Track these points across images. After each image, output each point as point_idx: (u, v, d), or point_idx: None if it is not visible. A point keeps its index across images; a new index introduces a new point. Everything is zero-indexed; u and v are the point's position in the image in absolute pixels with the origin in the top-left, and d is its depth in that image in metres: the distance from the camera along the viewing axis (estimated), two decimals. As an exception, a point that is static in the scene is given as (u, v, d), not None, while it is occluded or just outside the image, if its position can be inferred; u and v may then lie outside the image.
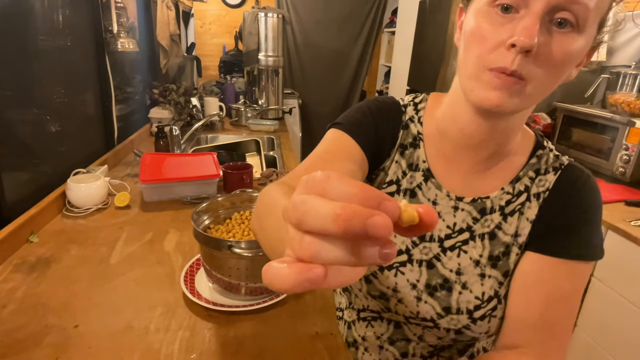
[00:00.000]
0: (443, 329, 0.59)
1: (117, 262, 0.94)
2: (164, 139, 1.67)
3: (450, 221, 0.60)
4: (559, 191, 0.57)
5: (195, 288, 0.83)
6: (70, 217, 1.14)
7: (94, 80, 1.55)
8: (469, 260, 0.59)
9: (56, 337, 0.70)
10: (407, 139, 0.63)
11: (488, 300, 0.57)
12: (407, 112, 0.65)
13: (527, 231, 0.57)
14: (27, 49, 1.14)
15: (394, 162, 0.63)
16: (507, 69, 0.45)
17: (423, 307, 0.60)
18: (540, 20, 0.43)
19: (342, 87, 3.81)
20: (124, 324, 0.74)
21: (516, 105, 0.48)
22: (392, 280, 0.61)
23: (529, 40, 0.43)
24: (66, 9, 1.35)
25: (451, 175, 0.60)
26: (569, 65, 0.47)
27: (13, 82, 1.07)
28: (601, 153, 1.76)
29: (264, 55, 2.55)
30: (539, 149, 0.60)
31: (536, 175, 0.58)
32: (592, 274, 1.44)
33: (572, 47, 0.45)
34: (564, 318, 0.56)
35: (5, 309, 0.76)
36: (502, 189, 0.58)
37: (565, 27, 0.44)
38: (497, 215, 0.58)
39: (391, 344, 0.67)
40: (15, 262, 0.91)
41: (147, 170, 1.30)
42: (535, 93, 0.47)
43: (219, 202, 0.92)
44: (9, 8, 1.05)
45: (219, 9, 3.49)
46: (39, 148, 1.20)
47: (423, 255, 0.60)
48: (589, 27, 0.45)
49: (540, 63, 0.45)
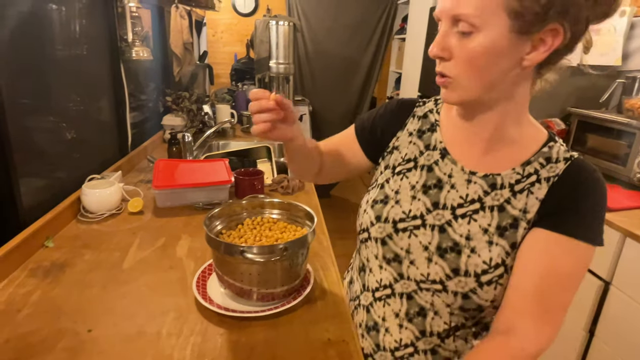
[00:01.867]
0: (451, 292, 0.64)
1: (130, 267, 0.94)
2: (176, 146, 1.69)
3: (463, 192, 0.66)
4: (567, 178, 0.61)
5: (207, 293, 0.83)
6: (84, 222, 1.16)
7: (109, 88, 1.58)
8: (478, 228, 0.64)
9: (70, 342, 0.70)
10: (424, 126, 0.74)
11: (495, 266, 0.62)
12: (427, 106, 0.77)
13: (535, 209, 0.62)
14: (45, 58, 1.17)
15: (410, 144, 0.74)
16: (438, 72, 0.60)
17: (433, 268, 0.65)
18: (446, 33, 0.57)
19: (352, 93, 3.81)
20: (136, 328, 0.74)
21: (458, 96, 0.61)
22: (406, 242, 0.68)
23: (430, 51, 0.59)
24: (83, 19, 1.38)
25: (465, 154, 0.68)
26: (485, 59, 0.56)
27: (31, 90, 1.10)
28: (617, 159, 1.73)
29: (275, 63, 2.57)
30: (551, 142, 0.65)
31: (547, 162, 0.63)
32: (610, 282, 1.41)
33: (472, 44, 0.55)
34: (557, 294, 0.60)
35: (21, 313, 0.77)
36: (513, 169, 0.64)
37: (465, 33, 0.55)
38: (507, 191, 0.64)
39: (409, 321, 0.70)
40: (31, 267, 0.92)
41: (160, 176, 1.31)
42: (468, 85, 0.59)
43: (231, 207, 0.92)
44: (28, 19, 1.07)
45: (230, 18, 3.54)
46: (55, 154, 1.23)
47: (436, 221, 0.67)
48: (488, 23, 0.53)
49: (456, 62, 0.58)
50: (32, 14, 1.10)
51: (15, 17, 1.02)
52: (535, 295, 0.59)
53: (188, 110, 2.18)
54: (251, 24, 3.37)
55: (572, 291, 0.61)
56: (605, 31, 2.07)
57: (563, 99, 2.16)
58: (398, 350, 0.72)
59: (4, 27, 0.96)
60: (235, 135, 2.38)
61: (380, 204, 0.72)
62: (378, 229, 0.71)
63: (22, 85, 1.05)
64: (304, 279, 0.88)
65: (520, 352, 0.59)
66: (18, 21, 1.03)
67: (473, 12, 0.53)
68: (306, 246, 0.82)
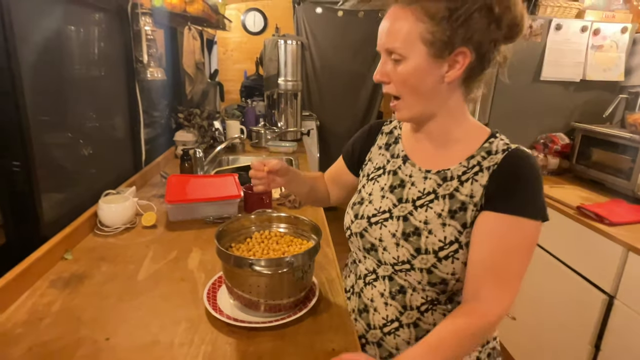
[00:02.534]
0: (418, 269, 0.75)
1: (144, 279, 0.99)
2: (189, 161, 1.75)
3: (421, 187, 0.80)
4: (505, 165, 0.72)
5: (218, 304, 0.87)
6: (100, 236, 1.21)
7: (124, 107, 1.65)
8: (433, 214, 0.76)
9: (88, 349, 0.75)
10: (390, 140, 0.90)
11: (450, 243, 0.73)
12: (392, 124, 0.93)
13: (480, 194, 0.73)
14: (65, 78, 1.24)
15: (379, 155, 0.90)
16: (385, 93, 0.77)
17: (401, 250, 0.77)
18: (384, 62, 0.73)
19: (359, 108, 3.87)
20: (151, 337, 0.78)
21: (407, 114, 0.77)
22: (378, 233, 0.81)
23: (375, 77, 0.75)
24: (102, 41, 1.46)
25: (421, 158, 0.83)
26: (413, 80, 0.71)
27: (51, 108, 1.16)
28: (621, 173, 1.74)
29: (284, 80, 2.65)
30: (492, 138, 0.77)
31: (488, 154, 0.75)
32: (614, 296, 1.41)
33: (404, 69, 0.71)
34: (509, 265, 0.70)
35: (43, 322, 0.81)
36: (460, 163, 0.77)
37: (397, 60, 0.71)
38: (455, 182, 0.76)
39: (392, 298, 0.81)
40: (52, 278, 0.97)
41: (173, 191, 1.37)
42: (412, 103, 0.75)
43: (240, 221, 0.96)
44: (51, 41, 1.15)
45: (240, 37, 3.64)
46: (73, 170, 1.29)
47: (400, 212, 0.80)
48: (411, 52, 0.69)
49: (395, 84, 0.74)
50: (55, 37, 1.17)
51: (39, 40, 1.09)
52: (491, 268, 0.70)
53: (199, 126, 2.25)
54: (260, 42, 3.47)
55: (523, 262, 0.71)
56: (607, 47, 2.11)
57: (567, 113, 2.19)
58: (386, 326, 0.82)
59: (30, 50, 1.03)
60: (245, 150, 2.45)
61: (357, 205, 0.88)
62: (356, 225, 0.85)
63: (43, 103, 1.11)
64: (310, 291, 0.91)
65: (484, 314, 0.70)
66: (42, 44, 1.10)
67: (400, 45, 0.70)
68: (312, 259, 0.86)
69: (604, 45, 2.11)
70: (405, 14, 0.69)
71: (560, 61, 2.09)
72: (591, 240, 1.51)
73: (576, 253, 1.60)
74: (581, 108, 2.18)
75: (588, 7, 2.13)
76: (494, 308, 0.70)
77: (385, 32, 0.72)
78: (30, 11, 1.05)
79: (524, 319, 1.85)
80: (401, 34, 0.69)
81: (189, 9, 1.79)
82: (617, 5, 2.14)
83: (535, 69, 2.09)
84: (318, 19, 3.56)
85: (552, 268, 1.69)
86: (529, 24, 2.07)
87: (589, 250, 1.53)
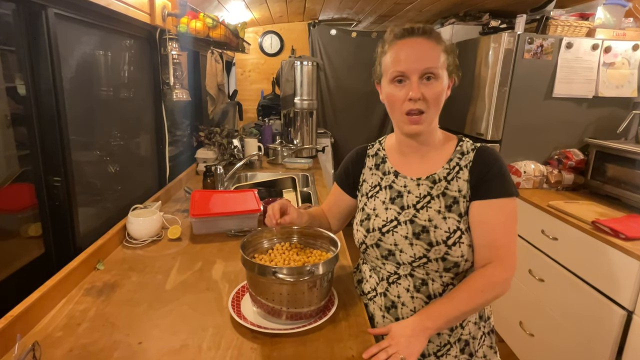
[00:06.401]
0: (433, 259, 0.88)
1: (172, 288, 1.04)
2: (211, 177, 1.82)
3: (417, 193, 0.94)
4: (477, 160, 0.91)
5: (242, 312, 0.92)
6: (129, 248, 1.28)
7: (151, 126, 1.75)
8: (434, 212, 0.90)
9: (124, 352, 0.80)
10: (377, 160, 1.04)
11: (453, 232, 0.88)
12: (375, 147, 1.07)
13: (466, 187, 0.90)
14: (98, 100, 1.33)
15: (372, 175, 1.03)
16: (413, 111, 0.87)
17: (416, 248, 0.90)
18: (418, 82, 0.86)
19: (373, 125, 3.94)
20: (180, 342, 0.83)
21: (425, 127, 0.90)
22: (392, 239, 0.93)
23: (415, 94, 0.86)
24: (131, 65, 1.56)
25: (409, 169, 0.97)
26: (442, 97, 0.88)
27: (85, 129, 1.25)
28: (638, 188, 1.75)
29: (300, 99, 2.73)
30: (460, 142, 0.96)
31: (462, 155, 0.93)
32: (633, 311, 1.41)
33: (438, 88, 0.87)
34: (504, 237, 0.88)
35: (81, 327, 0.87)
36: (443, 167, 0.93)
37: (431, 80, 0.86)
38: (444, 182, 0.92)
39: (417, 291, 0.92)
40: (86, 287, 1.04)
41: (197, 205, 1.44)
42: (433, 116, 0.89)
43: (263, 234, 1.02)
44: (87, 67, 1.24)
45: (258, 58, 3.78)
46: (104, 186, 1.37)
47: (406, 217, 0.92)
48: (442, 74, 0.87)
49: (427, 101, 0.86)
50: (91, 62, 1.27)
51: (78, 65, 1.18)
52: (493, 243, 0.87)
53: (219, 144, 2.34)
54: (277, 62, 3.59)
55: (513, 231, 0.89)
56: (619, 65, 2.14)
57: (580, 130, 2.20)
58: None
59: (70, 74, 1.13)
60: (262, 167, 2.52)
61: (365, 221, 0.98)
62: (370, 237, 0.95)
63: (79, 123, 1.20)
64: (329, 301, 0.95)
65: (490, 274, 0.86)
66: (80, 69, 1.20)
67: (438, 67, 0.87)
68: (331, 269, 0.90)
69: (616, 63, 2.13)
70: (434, 46, 0.88)
71: (572, 78, 2.13)
72: (607, 255, 1.51)
73: (593, 268, 1.60)
74: (595, 124, 2.20)
75: (598, 26, 2.17)
76: (498, 271, 0.86)
77: (422, 57, 0.86)
78: (73, 39, 1.15)
79: (542, 336, 1.84)
80: (437, 60, 0.87)
81: (212, 34, 1.89)
82: (627, 24, 2.18)
83: (547, 86, 2.12)
84: (332, 40, 3.68)
85: (570, 283, 1.69)
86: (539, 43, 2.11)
87: (606, 265, 1.53)
